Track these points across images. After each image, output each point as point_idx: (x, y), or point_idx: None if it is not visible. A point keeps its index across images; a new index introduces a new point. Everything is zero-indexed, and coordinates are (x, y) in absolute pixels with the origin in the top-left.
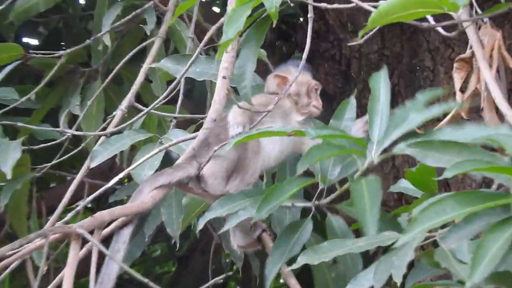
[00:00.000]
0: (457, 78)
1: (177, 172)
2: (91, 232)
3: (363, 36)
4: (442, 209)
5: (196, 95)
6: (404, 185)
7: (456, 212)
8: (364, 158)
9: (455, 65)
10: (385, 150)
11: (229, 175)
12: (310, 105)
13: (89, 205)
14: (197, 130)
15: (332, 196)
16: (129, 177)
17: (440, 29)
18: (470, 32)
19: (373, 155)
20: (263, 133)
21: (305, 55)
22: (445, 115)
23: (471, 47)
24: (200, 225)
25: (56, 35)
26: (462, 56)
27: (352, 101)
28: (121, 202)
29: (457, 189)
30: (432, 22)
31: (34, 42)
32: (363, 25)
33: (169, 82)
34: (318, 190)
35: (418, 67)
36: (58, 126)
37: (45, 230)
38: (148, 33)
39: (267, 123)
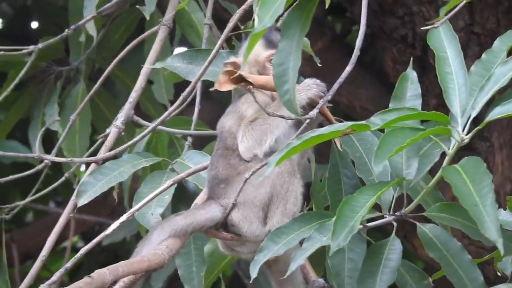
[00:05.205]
0: None
1: (199, 213)
2: None
3: (447, 13)
4: None
5: (217, 96)
6: (504, 217)
7: None
8: (449, 138)
9: None
10: (474, 122)
11: (266, 212)
12: None
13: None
14: None
15: (415, 201)
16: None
17: None
18: None
19: (461, 131)
20: (311, 139)
21: (360, 35)
22: None
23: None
24: (254, 271)
25: (24, 14)
26: None
27: (412, 74)
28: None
29: None
30: None
31: None
32: None
33: (177, 84)
34: (393, 197)
35: None
36: (27, 143)
37: None
38: (147, 17)
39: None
